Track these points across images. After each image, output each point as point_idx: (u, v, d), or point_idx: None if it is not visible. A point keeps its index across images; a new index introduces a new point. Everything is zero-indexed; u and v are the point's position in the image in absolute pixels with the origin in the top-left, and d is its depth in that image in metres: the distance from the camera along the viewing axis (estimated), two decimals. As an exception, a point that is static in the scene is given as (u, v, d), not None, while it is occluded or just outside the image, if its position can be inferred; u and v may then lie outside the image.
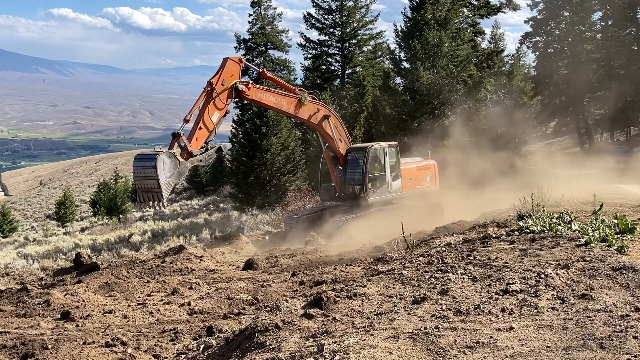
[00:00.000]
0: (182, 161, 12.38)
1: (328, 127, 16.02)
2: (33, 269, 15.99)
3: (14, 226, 39.67)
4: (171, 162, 12.09)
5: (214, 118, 13.28)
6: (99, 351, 5.78)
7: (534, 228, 7.40)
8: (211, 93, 13.33)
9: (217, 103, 13.38)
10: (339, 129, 16.46)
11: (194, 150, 12.90)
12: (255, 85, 14.78)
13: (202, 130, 13.15)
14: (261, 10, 41.04)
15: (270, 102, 15.33)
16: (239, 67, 14.05)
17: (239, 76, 13.99)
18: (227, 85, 13.60)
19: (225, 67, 13.68)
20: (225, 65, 13.71)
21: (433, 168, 17.78)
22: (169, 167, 11.98)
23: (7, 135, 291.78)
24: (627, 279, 4.90)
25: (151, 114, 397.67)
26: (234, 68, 13.89)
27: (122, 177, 48.02)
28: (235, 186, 30.51)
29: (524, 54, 37.54)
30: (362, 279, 7.08)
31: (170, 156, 12.13)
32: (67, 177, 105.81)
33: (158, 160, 11.78)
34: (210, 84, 13.46)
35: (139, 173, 12.43)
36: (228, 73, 13.73)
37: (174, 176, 12.21)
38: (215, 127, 13.35)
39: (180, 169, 12.31)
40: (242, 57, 14.41)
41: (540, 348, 3.67)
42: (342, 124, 16.86)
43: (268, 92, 15.32)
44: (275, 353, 3.95)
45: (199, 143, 13.10)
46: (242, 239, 15.76)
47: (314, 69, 39.11)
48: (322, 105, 16.35)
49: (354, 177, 16.24)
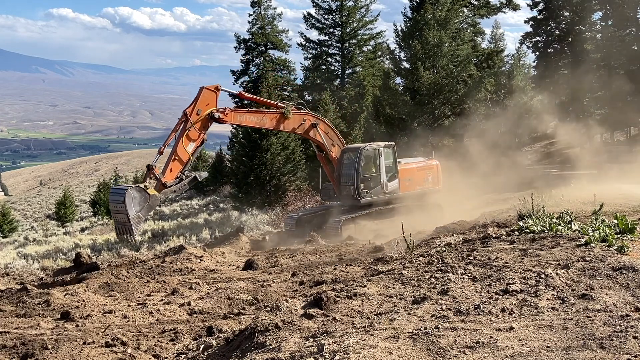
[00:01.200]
0: (153, 194, 12.37)
1: (318, 135, 15.92)
2: (33, 269, 15.98)
3: (14, 226, 39.64)
4: (140, 196, 12.12)
5: (188, 149, 13.19)
6: (99, 351, 5.78)
7: (534, 228, 7.40)
8: (186, 123, 13.20)
9: (191, 134, 13.23)
10: (329, 134, 16.33)
11: (167, 181, 12.87)
12: (232, 109, 14.58)
13: (176, 162, 13.08)
14: (261, 10, 41.06)
15: (252, 122, 15.28)
16: (215, 96, 13.83)
17: (215, 104, 13.75)
18: (202, 114, 13.42)
19: (200, 97, 13.49)
20: (200, 95, 13.52)
21: (436, 168, 17.70)
22: (138, 201, 12.04)
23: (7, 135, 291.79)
24: (627, 279, 4.90)
25: (151, 114, 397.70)
26: (210, 97, 13.68)
27: (122, 177, 48.06)
28: (235, 186, 30.50)
29: (524, 54, 37.59)
30: (362, 279, 7.08)
31: (139, 190, 12.17)
32: (67, 177, 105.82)
33: (127, 195, 11.88)
34: (185, 114, 13.30)
35: (112, 207, 12.69)
36: (203, 102, 13.54)
37: (144, 210, 12.22)
38: (190, 158, 13.26)
39: (150, 202, 12.34)
40: (219, 85, 14.15)
41: (540, 348, 3.67)
42: (333, 129, 16.72)
43: (248, 114, 15.17)
44: (275, 353, 3.95)
45: (173, 174, 13.04)
46: (242, 239, 15.75)
47: (314, 69, 39.11)
48: (308, 114, 16.12)
49: (348, 177, 16.20)
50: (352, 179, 15.97)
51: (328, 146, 16.18)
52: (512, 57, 33.29)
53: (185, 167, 13.28)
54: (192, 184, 13.97)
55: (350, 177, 16.09)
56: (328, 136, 16.24)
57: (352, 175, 16.01)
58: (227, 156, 43.46)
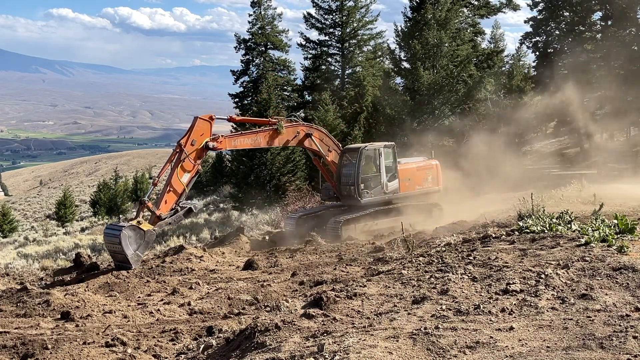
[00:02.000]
0: (148, 229, 12.21)
1: (313, 144, 15.93)
2: (33, 269, 15.97)
3: (14, 226, 39.66)
4: (135, 234, 11.94)
5: (183, 180, 13.03)
6: (99, 351, 5.78)
7: (534, 228, 7.40)
8: (180, 154, 13.08)
9: (186, 165, 13.08)
10: (325, 140, 16.32)
11: (162, 213, 12.70)
12: (226, 136, 14.42)
13: (171, 193, 12.90)
14: (261, 10, 41.05)
15: (247, 144, 15.23)
16: (210, 125, 13.63)
17: (209, 134, 13.57)
18: (197, 145, 13.28)
19: (195, 127, 13.33)
20: (195, 125, 13.36)
21: (435, 168, 17.68)
22: (134, 240, 11.89)
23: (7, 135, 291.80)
24: (627, 279, 4.90)
25: (151, 114, 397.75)
26: (204, 127, 13.48)
27: (122, 177, 48.07)
28: (235, 186, 30.50)
29: (524, 54, 37.58)
30: (362, 279, 7.08)
31: (133, 229, 11.97)
32: (67, 177, 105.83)
33: (122, 237, 11.67)
34: (179, 145, 13.19)
35: (109, 246, 12.50)
36: (198, 132, 13.37)
37: (142, 247, 12.07)
38: (185, 189, 13.07)
39: (147, 238, 12.18)
40: (213, 114, 13.87)
41: (540, 348, 3.67)
42: (327, 135, 16.72)
43: (241, 137, 15.05)
44: (275, 353, 3.95)
45: (167, 206, 12.85)
46: (242, 239, 15.74)
47: (314, 69, 39.11)
48: (301, 125, 16.09)
49: (348, 178, 16.20)
50: (352, 179, 15.97)
51: (324, 152, 16.20)
52: (512, 57, 33.30)
53: (180, 198, 13.14)
54: (187, 215, 13.84)
55: (351, 177, 16.08)
56: (323, 142, 16.23)
57: (352, 175, 16.00)
58: (227, 156, 43.44)
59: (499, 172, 25.47)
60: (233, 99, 42.01)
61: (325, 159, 16.36)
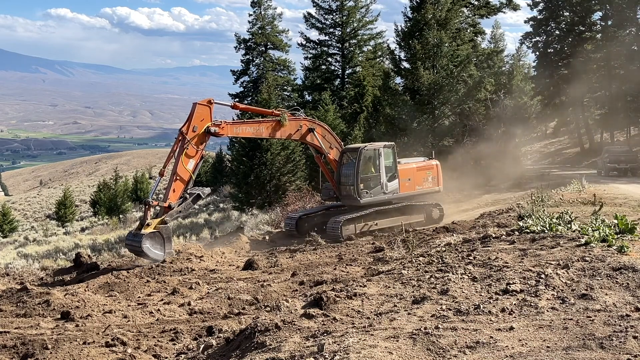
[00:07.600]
0: (162, 226, 12.37)
1: (315, 140, 15.94)
2: (33, 269, 15.95)
3: (14, 226, 39.63)
4: (154, 240, 12.17)
5: (188, 167, 13.10)
6: (99, 351, 5.78)
7: (534, 228, 7.40)
8: (183, 142, 13.13)
9: (189, 151, 13.14)
10: (327, 137, 16.34)
11: (172, 202, 12.80)
12: (228, 122, 14.46)
13: (178, 181, 12.99)
14: (261, 10, 41.07)
15: (249, 133, 15.26)
16: (209, 110, 13.64)
17: (210, 119, 13.59)
18: (198, 130, 13.31)
19: (194, 113, 13.33)
20: (194, 111, 13.37)
21: (435, 168, 17.67)
22: (157, 244, 12.19)
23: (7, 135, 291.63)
24: (627, 279, 4.90)
25: (151, 113, 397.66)
26: (203, 112, 13.50)
27: (122, 177, 48.01)
28: (235, 186, 30.48)
29: (524, 54, 37.55)
30: (362, 279, 7.08)
31: (151, 237, 12.16)
32: (67, 177, 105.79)
33: (145, 250, 11.94)
34: (181, 133, 13.21)
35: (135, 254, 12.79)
36: (198, 118, 13.38)
37: (167, 244, 12.33)
38: (191, 176, 13.15)
39: (165, 235, 12.38)
40: (212, 99, 13.90)
41: (540, 348, 3.67)
42: (330, 132, 16.73)
43: (244, 125, 15.12)
44: (275, 353, 3.95)
45: (176, 195, 12.94)
46: (242, 239, 15.75)
47: (314, 69, 39.10)
48: (304, 119, 16.11)
49: (347, 178, 16.19)
50: (352, 179, 15.96)
51: (326, 149, 16.18)
52: (512, 57, 33.24)
53: (187, 185, 13.21)
54: (196, 201, 13.90)
55: (350, 177, 16.07)
56: (325, 139, 16.23)
57: (352, 175, 15.99)
58: (227, 156, 43.44)
59: (499, 172, 25.48)
60: (233, 98, 42.01)
61: (327, 156, 16.34)
